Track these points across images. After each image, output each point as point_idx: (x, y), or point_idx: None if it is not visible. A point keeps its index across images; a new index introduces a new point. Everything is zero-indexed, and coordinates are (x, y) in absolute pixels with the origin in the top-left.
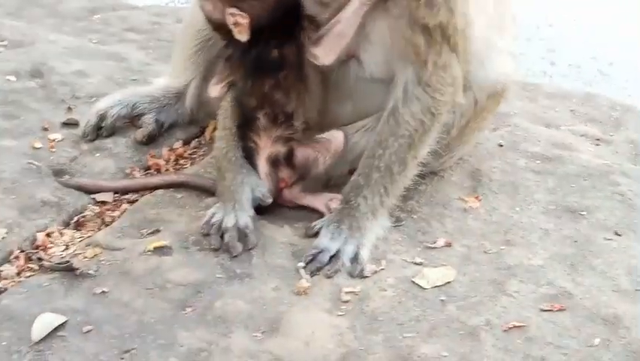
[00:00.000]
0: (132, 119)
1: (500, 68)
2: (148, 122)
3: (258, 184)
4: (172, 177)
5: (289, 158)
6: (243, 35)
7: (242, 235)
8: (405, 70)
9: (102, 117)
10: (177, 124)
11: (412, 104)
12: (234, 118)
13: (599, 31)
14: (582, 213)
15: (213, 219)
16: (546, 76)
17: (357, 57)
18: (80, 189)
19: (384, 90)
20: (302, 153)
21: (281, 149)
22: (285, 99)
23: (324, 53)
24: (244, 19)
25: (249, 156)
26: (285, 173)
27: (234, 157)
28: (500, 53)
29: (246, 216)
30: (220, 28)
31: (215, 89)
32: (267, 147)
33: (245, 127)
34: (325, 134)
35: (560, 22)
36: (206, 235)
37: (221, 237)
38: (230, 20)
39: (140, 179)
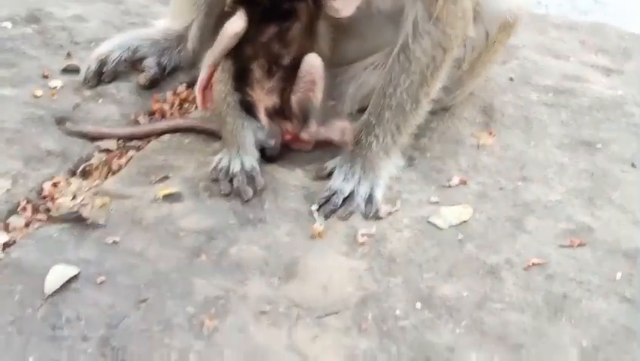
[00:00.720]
0: (134, 64)
1: None
2: (150, 65)
3: (260, 126)
4: (178, 122)
5: (286, 110)
6: None
7: (249, 178)
8: (414, 5)
9: (103, 62)
10: (180, 67)
11: (422, 40)
12: (232, 63)
13: None
14: (597, 145)
15: (220, 165)
16: (541, 6)
17: None
18: (84, 136)
19: (392, 26)
20: (294, 100)
21: (276, 100)
22: (283, 51)
23: (343, 5)
24: None
25: (249, 110)
26: (287, 125)
27: (233, 102)
28: None
29: (251, 159)
30: None
31: (236, 24)
32: (261, 99)
33: (240, 80)
34: (302, 68)
35: None
36: (215, 180)
37: (230, 182)
38: None
39: (145, 125)
